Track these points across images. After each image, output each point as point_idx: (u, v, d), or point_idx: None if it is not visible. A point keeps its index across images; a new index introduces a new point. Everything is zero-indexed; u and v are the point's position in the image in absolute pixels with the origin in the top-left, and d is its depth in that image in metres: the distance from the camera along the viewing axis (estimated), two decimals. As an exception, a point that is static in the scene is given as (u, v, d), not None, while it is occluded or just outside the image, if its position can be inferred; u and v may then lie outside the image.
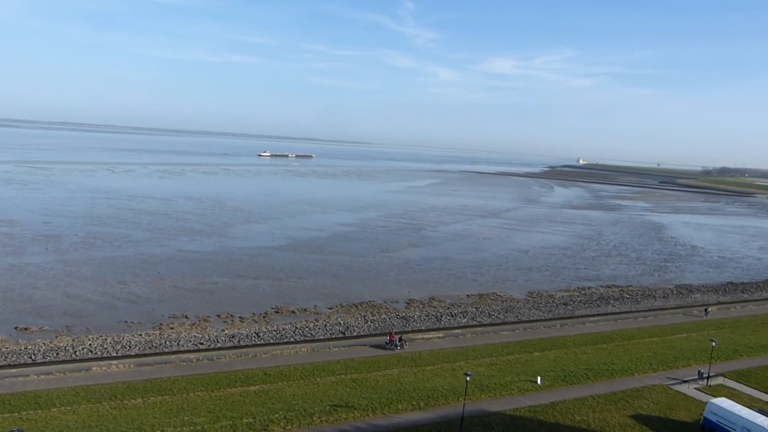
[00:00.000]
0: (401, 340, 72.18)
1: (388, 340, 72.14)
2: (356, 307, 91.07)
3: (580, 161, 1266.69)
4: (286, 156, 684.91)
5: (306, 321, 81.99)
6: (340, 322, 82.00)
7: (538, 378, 61.52)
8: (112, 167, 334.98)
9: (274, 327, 78.09)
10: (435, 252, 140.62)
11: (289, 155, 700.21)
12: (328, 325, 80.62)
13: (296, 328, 78.23)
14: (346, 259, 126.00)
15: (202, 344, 69.70)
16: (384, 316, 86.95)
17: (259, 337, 73.80)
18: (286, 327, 78.32)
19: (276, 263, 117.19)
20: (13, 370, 57.46)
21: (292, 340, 73.19)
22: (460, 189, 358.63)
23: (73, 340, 68.43)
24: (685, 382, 64.49)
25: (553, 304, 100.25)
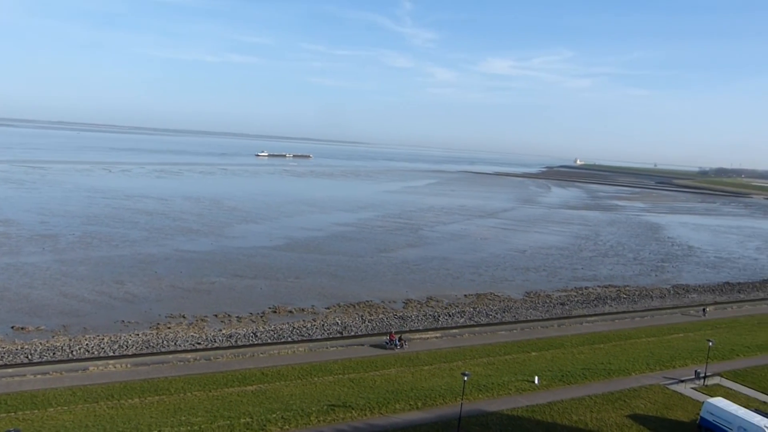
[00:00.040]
0: (401, 340, 72.26)
1: (388, 340, 72.22)
2: (354, 307, 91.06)
3: (578, 162, 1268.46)
4: (284, 156, 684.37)
5: (303, 321, 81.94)
6: (338, 322, 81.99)
7: (536, 378, 61.60)
8: (110, 167, 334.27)
9: (272, 327, 78.04)
10: (432, 252, 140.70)
11: (287, 155, 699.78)
12: (326, 324, 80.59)
13: (294, 327, 78.19)
14: (344, 259, 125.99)
15: (199, 344, 69.60)
16: (381, 316, 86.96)
17: (257, 336, 73.73)
18: (284, 327, 78.28)
19: (273, 263, 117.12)
20: (9, 370, 57.33)
21: (289, 339, 73.14)
22: (457, 189, 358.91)
23: (70, 340, 68.28)
24: (682, 381, 64.66)
25: (551, 304, 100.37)
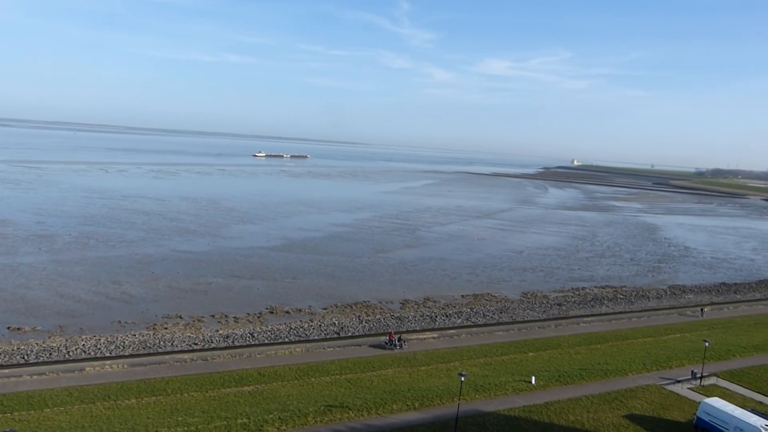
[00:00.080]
0: (400, 340, 72.34)
1: (387, 340, 72.31)
2: (351, 307, 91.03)
3: (575, 162, 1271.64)
4: (282, 156, 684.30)
5: (301, 321, 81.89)
6: (335, 323, 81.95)
7: (533, 378, 61.69)
8: (106, 167, 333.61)
9: (269, 327, 77.98)
10: (430, 252, 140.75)
11: (285, 155, 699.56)
12: (323, 325, 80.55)
13: (291, 328, 78.12)
14: (341, 259, 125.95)
15: (196, 344, 69.51)
16: (379, 316, 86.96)
17: (254, 337, 73.66)
18: (281, 327, 78.22)
19: (271, 263, 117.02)
20: (5, 371, 57.18)
21: (286, 340, 73.10)
22: (455, 190, 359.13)
23: (67, 341, 68.12)
24: (679, 382, 64.81)
25: (548, 305, 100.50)
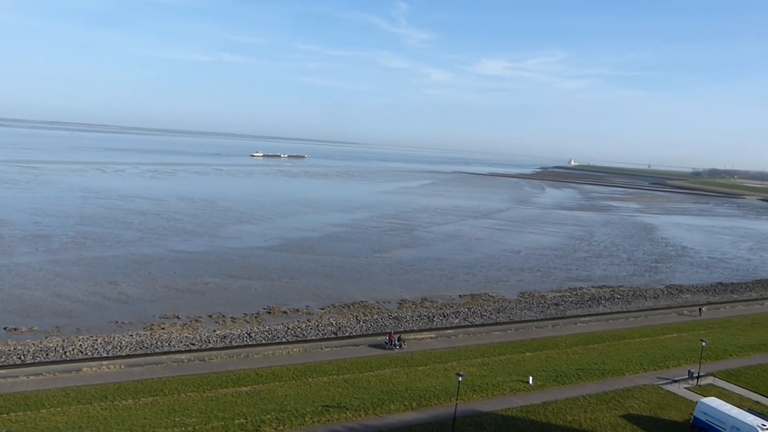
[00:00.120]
0: (400, 340, 72.38)
1: (387, 340, 72.37)
2: (348, 307, 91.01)
3: (572, 162, 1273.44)
4: (279, 156, 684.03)
5: (298, 321, 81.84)
6: (333, 323, 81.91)
7: (530, 378, 61.70)
8: (103, 167, 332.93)
9: (266, 327, 77.91)
10: (427, 252, 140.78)
11: (282, 155, 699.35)
12: (321, 325, 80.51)
13: (288, 328, 78.07)
14: (339, 259, 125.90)
15: (193, 345, 69.40)
16: (376, 316, 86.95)
17: (251, 337, 73.59)
18: (278, 327, 78.15)
19: (268, 264, 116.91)
20: (1, 371, 56.95)
21: (284, 340, 73.03)
22: (452, 190, 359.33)
23: (63, 341, 67.96)
24: (676, 381, 64.88)
25: (545, 305, 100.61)
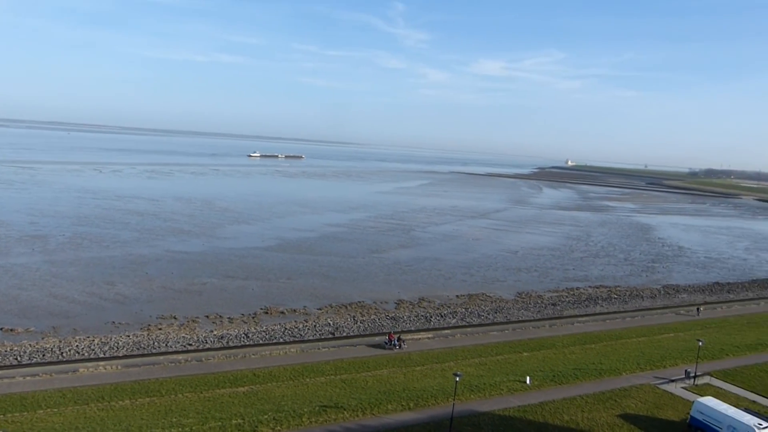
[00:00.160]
0: (399, 340, 72.44)
1: (387, 340, 72.45)
2: (346, 307, 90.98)
3: (569, 163, 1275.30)
4: (276, 156, 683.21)
5: (295, 322, 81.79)
6: (330, 323, 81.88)
7: (527, 378, 61.75)
8: (100, 167, 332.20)
9: (264, 328, 77.84)
10: (424, 253, 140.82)
11: (279, 156, 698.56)
12: (318, 325, 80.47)
13: (285, 328, 78.01)
14: (336, 259, 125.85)
15: (190, 345, 69.31)
16: (374, 316, 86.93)
17: (248, 337, 73.53)
18: (276, 328, 78.09)
19: (265, 264, 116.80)
20: (-2, 372, 56.82)
21: (281, 340, 72.97)
22: (450, 190, 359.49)
23: (60, 341, 67.79)
24: (673, 381, 65.03)
25: (542, 305, 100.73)
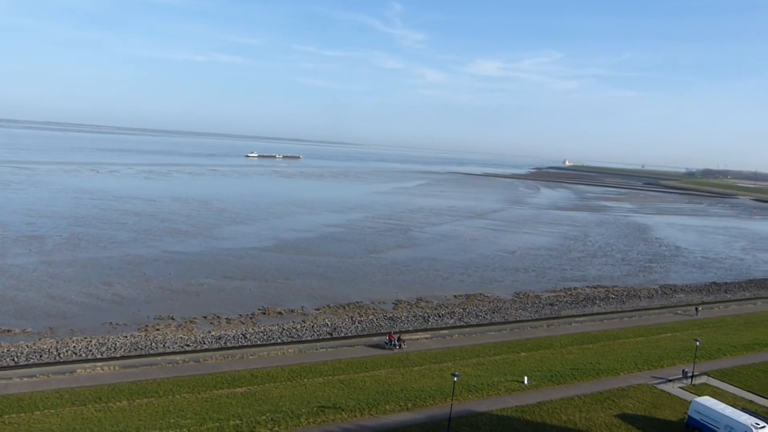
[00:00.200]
0: (399, 340, 72.49)
1: (387, 340, 72.53)
2: (343, 308, 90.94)
3: (566, 163, 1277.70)
4: (274, 157, 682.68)
5: (293, 322, 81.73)
6: (328, 323, 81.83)
7: (525, 378, 61.81)
8: (97, 167, 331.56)
9: (261, 328, 77.76)
10: (422, 253, 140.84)
11: (277, 156, 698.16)
12: (316, 326, 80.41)
13: (283, 329, 77.94)
14: (334, 260, 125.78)
15: (188, 346, 69.20)
16: (371, 317, 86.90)
17: (246, 338, 73.44)
18: (273, 328, 78.01)
19: (263, 264, 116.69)
20: (-5, 373, 56.66)
21: (279, 341, 72.91)
22: (447, 190, 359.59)
23: (57, 342, 67.62)
24: (670, 381, 65.16)
25: (540, 305, 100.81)
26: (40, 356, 62.86)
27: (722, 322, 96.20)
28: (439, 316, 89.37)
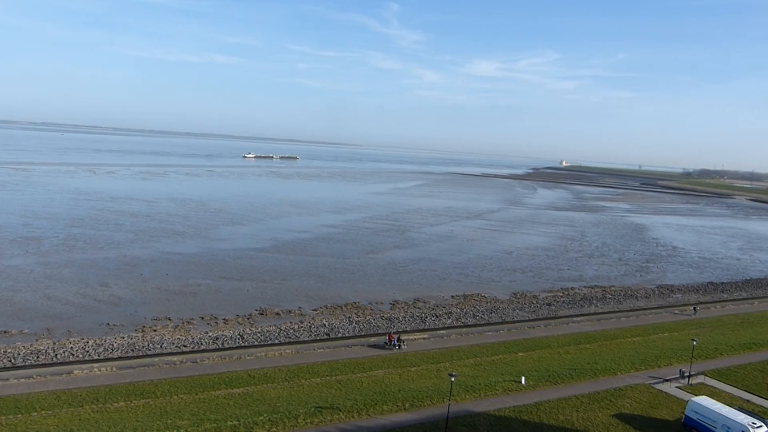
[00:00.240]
0: (399, 340, 72.52)
1: (387, 340, 72.60)
2: (341, 308, 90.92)
3: (563, 163, 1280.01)
4: (271, 157, 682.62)
5: (290, 323, 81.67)
6: (325, 324, 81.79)
7: (523, 378, 61.85)
8: (94, 168, 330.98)
9: (259, 329, 77.69)
10: (419, 253, 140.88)
11: (274, 156, 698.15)
12: (313, 326, 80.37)
13: (281, 329, 77.90)
14: (331, 260, 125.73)
15: (185, 346, 69.11)
16: (369, 317, 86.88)
17: (244, 339, 73.37)
18: (271, 329, 77.95)
19: (260, 265, 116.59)
20: (-9, 374, 56.51)
21: (276, 341, 72.88)
22: (444, 190, 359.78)
23: (54, 343, 67.47)
24: (667, 381, 65.26)
25: (537, 305, 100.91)
26: (37, 357, 62.72)
27: (719, 322, 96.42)
28: (437, 317, 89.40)
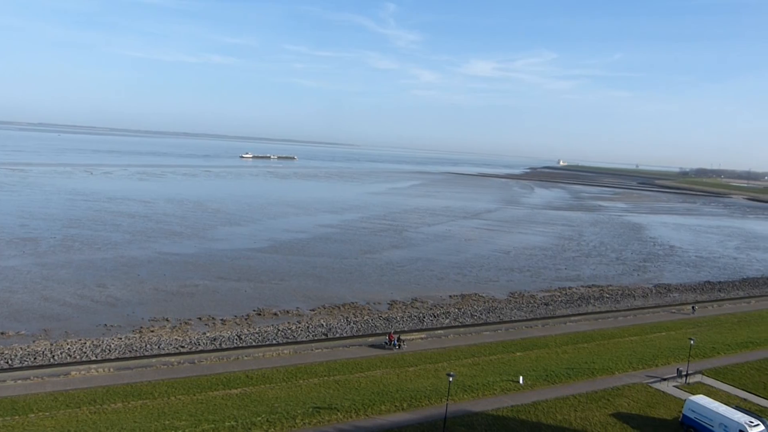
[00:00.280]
0: (399, 340, 72.55)
1: (387, 340, 72.66)
2: (339, 308, 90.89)
3: (561, 163, 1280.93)
4: (269, 157, 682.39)
5: (288, 323, 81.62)
6: (323, 324, 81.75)
7: (520, 378, 61.91)
8: (91, 169, 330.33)
9: (256, 329, 77.63)
10: (417, 253, 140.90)
11: (272, 157, 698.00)
12: (311, 326, 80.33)
13: (278, 330, 77.84)
14: (328, 260, 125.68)
15: (183, 347, 69.02)
16: (367, 317, 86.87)
17: (241, 339, 73.31)
18: (268, 329, 77.90)
19: (258, 265, 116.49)
20: (-12, 376, 56.35)
21: (274, 342, 72.83)
22: (442, 190, 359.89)
23: (51, 345, 67.31)
24: (665, 380, 65.37)
25: (535, 305, 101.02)
26: (35, 358, 62.56)
27: (716, 321, 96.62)
28: (435, 317, 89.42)
